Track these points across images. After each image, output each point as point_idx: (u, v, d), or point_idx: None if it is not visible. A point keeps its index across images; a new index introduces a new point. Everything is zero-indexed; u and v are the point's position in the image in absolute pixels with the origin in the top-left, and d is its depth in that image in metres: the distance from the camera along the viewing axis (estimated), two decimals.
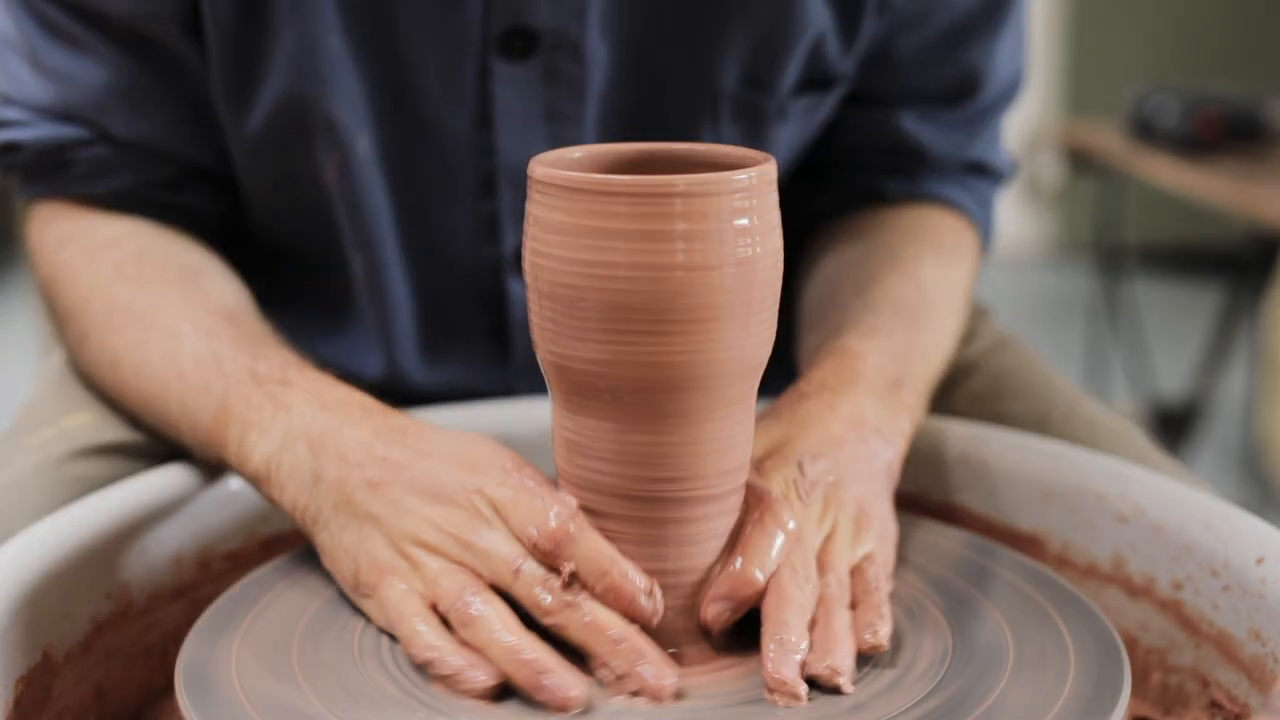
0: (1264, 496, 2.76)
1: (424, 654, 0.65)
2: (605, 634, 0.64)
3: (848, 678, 0.64)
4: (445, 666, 0.64)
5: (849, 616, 0.67)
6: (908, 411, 0.81)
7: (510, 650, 0.63)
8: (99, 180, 0.91)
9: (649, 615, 0.65)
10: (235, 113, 0.89)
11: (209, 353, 0.80)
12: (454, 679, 0.64)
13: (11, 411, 0.95)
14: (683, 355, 0.63)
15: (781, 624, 0.65)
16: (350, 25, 0.86)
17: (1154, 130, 2.73)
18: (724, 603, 0.66)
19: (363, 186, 0.91)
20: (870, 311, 0.87)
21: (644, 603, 0.65)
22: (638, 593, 0.65)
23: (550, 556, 0.65)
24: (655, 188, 0.61)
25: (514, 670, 0.63)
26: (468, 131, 0.90)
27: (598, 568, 0.65)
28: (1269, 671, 0.70)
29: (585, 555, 0.65)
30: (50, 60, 0.88)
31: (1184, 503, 0.78)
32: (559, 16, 0.87)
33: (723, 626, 0.67)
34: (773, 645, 0.64)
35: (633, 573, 0.65)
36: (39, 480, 0.82)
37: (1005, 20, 0.96)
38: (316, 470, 0.71)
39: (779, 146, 0.95)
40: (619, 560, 0.65)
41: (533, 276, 0.64)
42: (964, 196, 1.01)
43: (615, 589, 0.65)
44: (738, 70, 0.91)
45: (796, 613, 0.65)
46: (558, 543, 0.65)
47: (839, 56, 0.93)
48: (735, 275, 0.62)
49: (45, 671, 0.71)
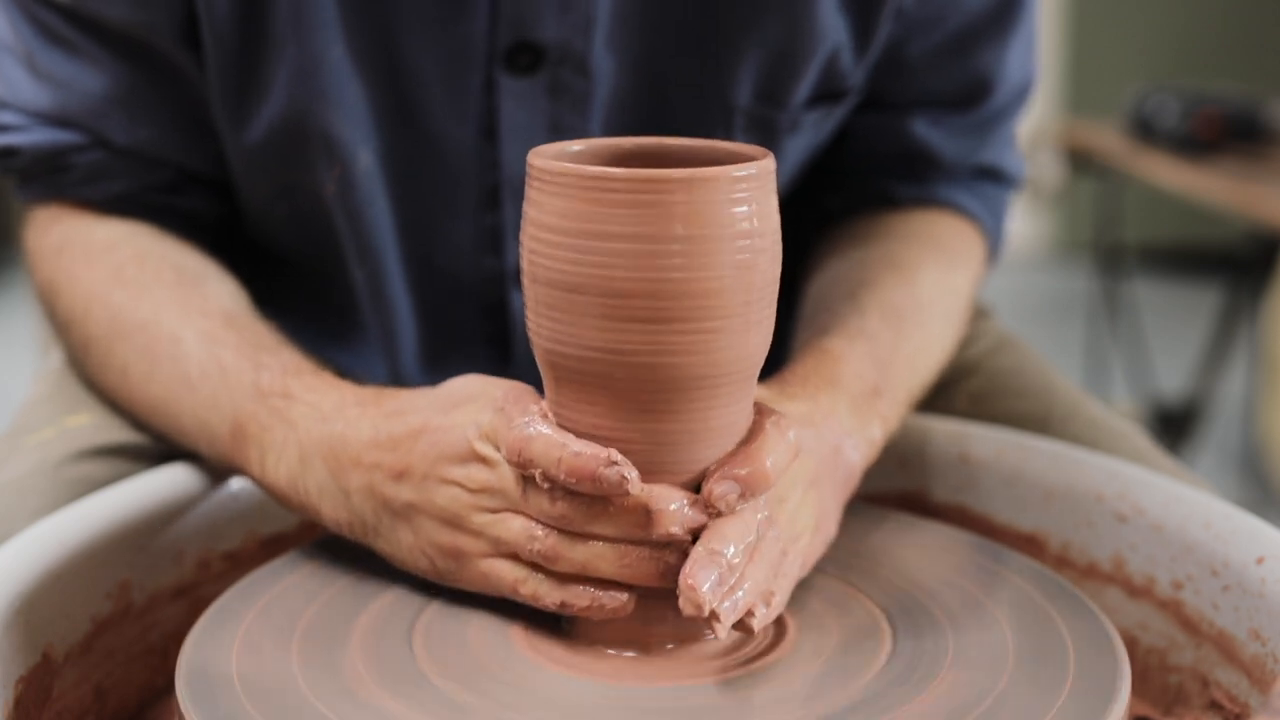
0: (1264, 496, 2.76)
1: (558, 605, 0.66)
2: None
3: (729, 615, 0.63)
4: (582, 600, 0.65)
5: (771, 571, 0.67)
6: (881, 422, 0.81)
7: (611, 553, 0.64)
8: (97, 185, 0.91)
9: (618, 483, 0.63)
10: (234, 124, 0.88)
11: (213, 361, 0.80)
12: (595, 609, 0.65)
13: (11, 411, 0.95)
14: (679, 348, 0.63)
15: (721, 537, 0.64)
16: (352, 39, 0.86)
17: (1154, 130, 2.73)
18: (732, 484, 0.64)
19: (364, 199, 0.91)
20: (858, 314, 0.86)
21: (607, 473, 0.63)
22: (597, 464, 0.63)
23: (523, 469, 0.65)
24: (654, 180, 0.61)
25: (628, 566, 0.64)
26: (471, 145, 0.90)
27: (552, 458, 0.64)
28: (1269, 671, 0.70)
29: (540, 453, 0.65)
30: (48, 66, 0.88)
31: (1184, 503, 0.78)
32: (565, 31, 0.86)
33: (726, 510, 0.64)
34: (702, 550, 0.63)
35: (583, 446, 0.64)
36: (39, 480, 0.82)
37: (1016, 25, 0.96)
38: (342, 485, 0.72)
39: (789, 156, 0.95)
40: (568, 442, 0.64)
41: (529, 266, 0.64)
42: (973, 202, 1.00)
43: (574, 470, 0.63)
44: (751, 86, 0.90)
45: (740, 533, 0.64)
46: (519, 453, 0.65)
47: (852, 68, 0.92)
48: (734, 268, 0.62)
49: (45, 671, 0.71)
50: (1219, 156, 2.62)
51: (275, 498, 0.77)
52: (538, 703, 0.64)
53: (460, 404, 0.69)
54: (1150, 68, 4.43)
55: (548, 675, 0.66)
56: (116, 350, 0.85)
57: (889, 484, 0.90)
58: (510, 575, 0.67)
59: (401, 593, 0.72)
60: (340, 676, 0.65)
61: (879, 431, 0.80)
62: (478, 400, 0.69)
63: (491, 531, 0.67)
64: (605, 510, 0.64)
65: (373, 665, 0.66)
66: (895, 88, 0.97)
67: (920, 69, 0.96)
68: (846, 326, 0.85)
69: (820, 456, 0.74)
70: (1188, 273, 4.39)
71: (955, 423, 0.90)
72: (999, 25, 0.95)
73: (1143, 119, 2.77)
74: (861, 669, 0.66)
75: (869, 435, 0.79)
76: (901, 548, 0.78)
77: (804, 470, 0.72)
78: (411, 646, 0.68)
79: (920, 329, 0.89)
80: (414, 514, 0.69)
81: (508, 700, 0.64)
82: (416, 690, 0.64)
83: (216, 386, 0.79)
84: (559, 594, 0.66)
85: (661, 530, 0.64)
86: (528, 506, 0.66)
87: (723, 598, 0.63)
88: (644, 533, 0.64)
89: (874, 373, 0.82)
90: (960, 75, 0.97)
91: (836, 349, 0.82)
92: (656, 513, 0.64)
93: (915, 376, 0.87)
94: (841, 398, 0.79)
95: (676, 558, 0.64)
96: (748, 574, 0.64)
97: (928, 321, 0.90)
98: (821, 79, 0.92)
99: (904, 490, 0.89)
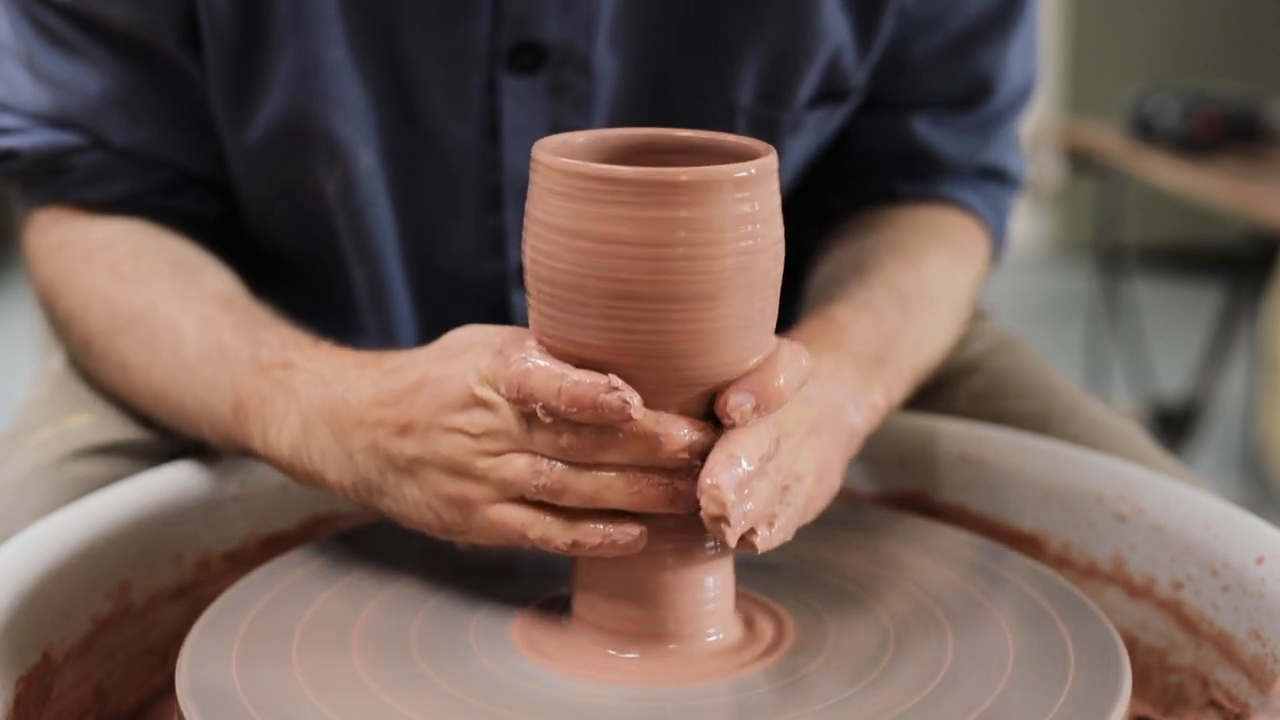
0: (1264, 496, 2.76)
1: (569, 547, 0.65)
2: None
3: (738, 522, 0.63)
4: (593, 538, 0.65)
5: (775, 495, 0.66)
6: (884, 388, 0.81)
7: (620, 481, 0.64)
8: (96, 186, 0.91)
9: (619, 409, 0.63)
10: (234, 124, 0.88)
11: (212, 343, 0.80)
12: (607, 546, 0.65)
13: (11, 412, 0.95)
14: (682, 345, 0.63)
15: (737, 444, 0.64)
16: (353, 40, 0.85)
17: (1154, 130, 2.73)
18: (748, 395, 0.64)
19: (365, 200, 0.90)
20: (865, 289, 0.87)
21: (608, 399, 0.63)
22: (598, 391, 0.63)
23: (524, 405, 0.65)
24: (659, 179, 0.61)
25: (638, 493, 0.64)
26: (473, 145, 0.90)
27: (551, 389, 0.64)
28: (1269, 671, 0.70)
29: (540, 385, 0.64)
30: (48, 67, 0.88)
31: (1184, 503, 0.78)
32: (568, 31, 0.86)
33: (740, 421, 0.64)
34: (721, 454, 0.63)
35: (582, 375, 0.63)
36: (39, 480, 0.82)
37: (1017, 25, 0.96)
38: (346, 447, 0.71)
39: (791, 156, 0.95)
40: (568, 372, 0.64)
41: (533, 263, 0.64)
42: (977, 200, 1.01)
43: (575, 399, 0.63)
44: (754, 86, 0.90)
45: (754, 444, 0.64)
46: (518, 388, 0.65)
47: (855, 68, 0.92)
48: (737, 266, 0.62)
49: (45, 671, 0.71)
50: (1219, 156, 2.61)
51: (280, 469, 0.76)
52: (537, 703, 0.64)
53: (459, 353, 0.68)
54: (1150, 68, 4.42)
55: (547, 675, 0.66)
56: (116, 344, 0.85)
57: (889, 484, 0.90)
58: (518, 519, 0.66)
59: (401, 592, 0.72)
60: (340, 677, 0.65)
61: (881, 398, 0.81)
62: (476, 346, 0.68)
63: (497, 474, 0.66)
64: (612, 439, 0.64)
65: (372, 665, 0.66)
66: (897, 88, 0.97)
67: (922, 69, 0.96)
68: (852, 299, 0.85)
69: (823, 409, 0.74)
70: (1188, 273, 4.39)
71: (955, 422, 0.89)
72: (1000, 25, 0.95)
73: (1143, 119, 2.77)
74: (862, 669, 0.66)
75: (871, 399, 0.79)
76: (902, 548, 0.78)
77: (806, 415, 0.72)
78: (411, 647, 0.68)
79: (925, 314, 0.89)
80: (419, 468, 0.68)
81: (508, 701, 0.64)
82: (416, 690, 0.64)
83: (217, 367, 0.79)
84: (570, 533, 0.65)
85: (669, 452, 0.64)
86: (532, 444, 0.65)
87: (739, 503, 0.63)
88: (652, 458, 0.64)
89: (879, 343, 0.82)
90: (962, 75, 0.97)
91: (842, 316, 0.83)
92: (664, 436, 0.63)
93: (918, 357, 0.87)
94: (845, 359, 0.79)
95: (686, 483, 0.64)
96: (755, 489, 0.64)
97: (932, 308, 0.90)
98: (824, 79, 0.92)
99: (904, 490, 0.89)
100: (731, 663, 0.67)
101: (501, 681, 0.65)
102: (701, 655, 0.67)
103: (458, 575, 0.74)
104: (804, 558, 0.76)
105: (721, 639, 0.68)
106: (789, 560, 0.76)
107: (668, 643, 0.67)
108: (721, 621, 0.68)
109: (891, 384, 0.82)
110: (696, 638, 0.67)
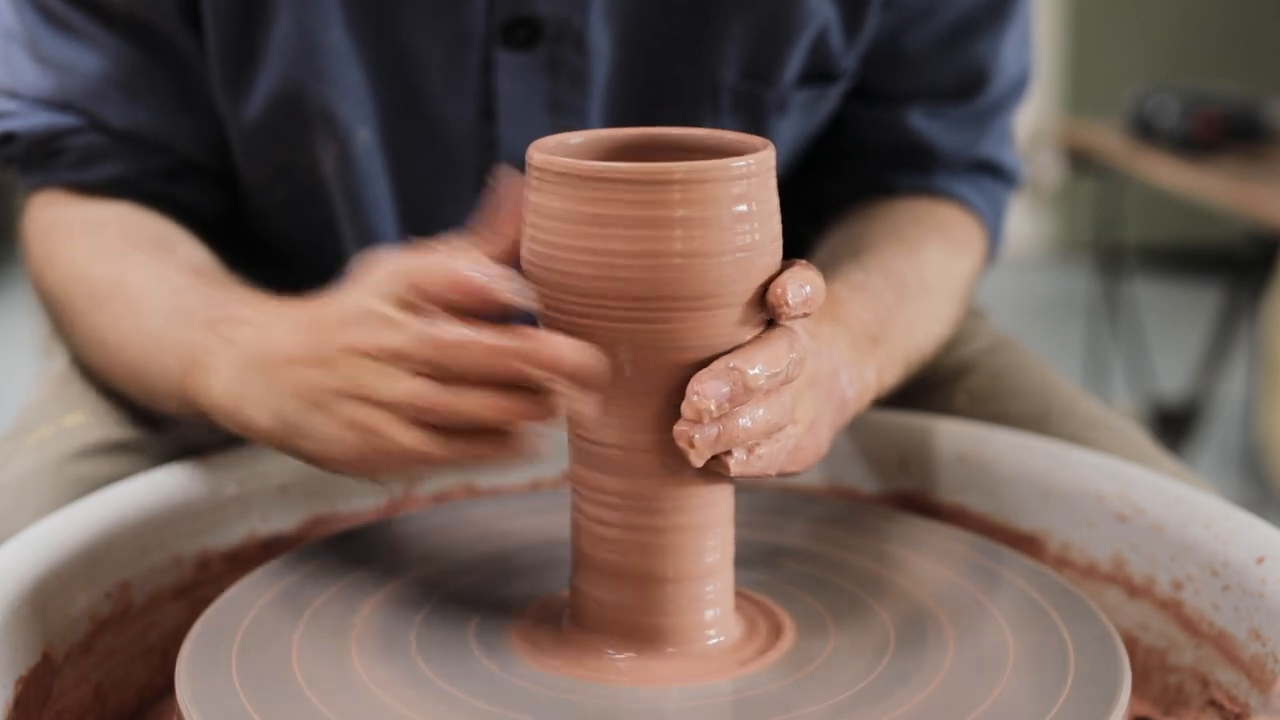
0: (1264, 496, 2.76)
1: (450, 461, 0.64)
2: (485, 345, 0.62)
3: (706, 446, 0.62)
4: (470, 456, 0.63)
5: (769, 424, 0.65)
6: (877, 367, 0.81)
7: (491, 398, 0.62)
8: (90, 168, 0.91)
9: (486, 285, 0.62)
10: (232, 101, 0.89)
11: (179, 311, 0.79)
12: None
13: (11, 413, 0.95)
14: (678, 338, 0.63)
15: (748, 358, 0.63)
16: (351, 17, 0.86)
17: (1154, 130, 2.73)
18: (807, 286, 0.64)
19: (363, 179, 0.91)
20: (862, 270, 0.87)
21: (493, 285, 0.62)
22: (486, 283, 0.62)
23: (411, 296, 0.63)
24: (654, 175, 0.61)
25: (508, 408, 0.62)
26: (470, 123, 0.91)
27: (426, 270, 0.63)
28: (1269, 671, 0.70)
29: (417, 266, 0.63)
30: (50, 50, 0.89)
31: (1184, 503, 0.78)
32: (562, 6, 0.87)
33: (795, 309, 0.63)
34: (721, 365, 0.62)
35: (468, 262, 0.63)
36: (39, 480, 0.82)
37: (1011, 15, 0.96)
38: (275, 389, 0.69)
39: (779, 140, 0.95)
40: (447, 258, 0.63)
41: (529, 264, 0.64)
42: (973, 194, 1.01)
43: (459, 285, 0.62)
44: (738, 62, 0.91)
45: (770, 359, 0.63)
46: (404, 278, 0.64)
47: (842, 51, 0.93)
48: (734, 262, 0.62)
49: (45, 671, 0.71)
50: (1219, 156, 2.61)
51: (220, 421, 0.74)
52: (537, 703, 0.64)
53: (365, 275, 0.67)
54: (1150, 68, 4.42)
55: (546, 676, 0.66)
56: (93, 321, 0.85)
57: (889, 484, 0.90)
58: (423, 445, 0.64)
59: (401, 592, 0.72)
60: (339, 677, 0.65)
61: (874, 376, 0.80)
62: (380, 265, 0.67)
63: (395, 390, 0.64)
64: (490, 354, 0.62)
65: (372, 665, 0.66)
66: (892, 80, 0.97)
67: (916, 61, 0.96)
68: (849, 279, 0.85)
69: (819, 370, 0.74)
70: (1188, 273, 4.39)
71: (954, 422, 0.90)
72: (994, 16, 0.96)
73: (1143, 119, 2.77)
74: (861, 669, 0.66)
75: (864, 375, 0.79)
76: (902, 548, 0.78)
77: (807, 366, 0.72)
78: (411, 647, 0.68)
79: (921, 300, 0.89)
80: (331, 400, 0.66)
81: (507, 701, 0.64)
82: (416, 691, 0.64)
83: (179, 331, 0.78)
84: (447, 449, 0.63)
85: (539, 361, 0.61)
86: (425, 342, 0.63)
87: (728, 417, 0.62)
88: (517, 374, 0.62)
89: (874, 323, 0.82)
90: (956, 67, 0.97)
91: (838, 293, 0.83)
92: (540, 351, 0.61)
93: (913, 342, 0.87)
94: (841, 332, 0.79)
95: None
96: (750, 411, 0.63)
97: (928, 295, 0.90)
98: (810, 58, 0.92)
99: (904, 490, 0.89)
100: (731, 663, 0.67)
101: (500, 682, 0.65)
102: (701, 655, 0.67)
103: (457, 575, 0.74)
104: (804, 558, 0.76)
105: (721, 639, 0.68)
106: (789, 560, 0.76)
107: (667, 643, 0.67)
108: (721, 622, 0.68)
109: (884, 365, 0.82)
110: (696, 638, 0.67)
